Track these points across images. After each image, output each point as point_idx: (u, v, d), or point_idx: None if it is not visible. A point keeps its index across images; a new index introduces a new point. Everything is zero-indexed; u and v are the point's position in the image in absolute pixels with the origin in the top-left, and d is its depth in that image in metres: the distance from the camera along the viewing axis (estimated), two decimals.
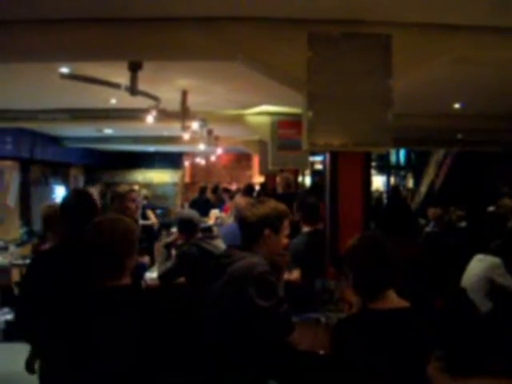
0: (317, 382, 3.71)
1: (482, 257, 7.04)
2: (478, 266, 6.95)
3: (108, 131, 14.05)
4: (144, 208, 13.13)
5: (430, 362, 3.07)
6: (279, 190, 8.92)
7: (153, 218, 13.64)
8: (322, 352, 3.86)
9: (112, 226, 2.77)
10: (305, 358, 3.88)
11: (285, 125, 10.21)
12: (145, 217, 13.04)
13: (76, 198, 4.08)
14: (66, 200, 4.13)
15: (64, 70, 6.44)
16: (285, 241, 3.47)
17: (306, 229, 5.97)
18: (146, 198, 15.44)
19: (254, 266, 3.15)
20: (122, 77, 6.38)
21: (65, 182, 17.61)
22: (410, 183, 22.82)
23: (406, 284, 3.08)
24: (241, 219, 3.42)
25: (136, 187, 9.29)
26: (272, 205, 3.44)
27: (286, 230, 3.44)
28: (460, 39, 5.27)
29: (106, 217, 3.14)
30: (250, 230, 3.38)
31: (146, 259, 6.73)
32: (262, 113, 10.48)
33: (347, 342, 2.87)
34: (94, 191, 11.65)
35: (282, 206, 3.48)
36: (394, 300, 2.96)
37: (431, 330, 3.05)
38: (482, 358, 6.42)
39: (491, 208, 11.04)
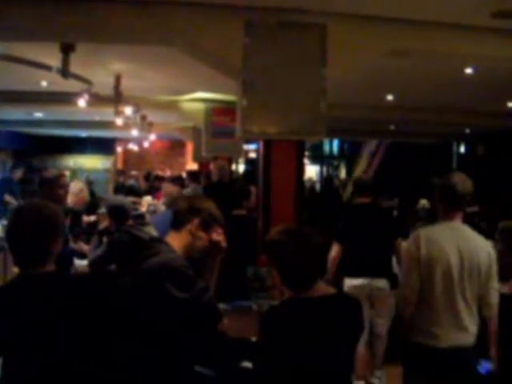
0: (248, 368, 3.73)
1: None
2: None
3: (39, 115, 13.72)
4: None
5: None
6: (214, 177, 8.86)
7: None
8: (253, 339, 3.89)
9: (35, 211, 2.71)
10: (236, 345, 3.90)
11: (219, 112, 10.19)
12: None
13: None
14: None
15: None
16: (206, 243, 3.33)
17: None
18: (89, 183, 14.70)
19: (168, 262, 3.05)
20: (53, 59, 6.23)
21: None
22: (343, 173, 23.14)
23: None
24: (174, 204, 3.34)
25: (67, 172, 9.07)
26: (212, 204, 3.38)
27: (214, 236, 3.32)
28: (394, 32, 5.36)
29: (29, 202, 3.07)
30: (178, 215, 3.31)
31: (84, 248, 6.68)
32: (196, 99, 10.44)
33: (278, 329, 2.88)
34: (18, 175, 11.29)
35: (219, 213, 3.39)
36: (322, 288, 2.97)
37: (358, 316, 3.07)
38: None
39: (423, 201, 11.41)
